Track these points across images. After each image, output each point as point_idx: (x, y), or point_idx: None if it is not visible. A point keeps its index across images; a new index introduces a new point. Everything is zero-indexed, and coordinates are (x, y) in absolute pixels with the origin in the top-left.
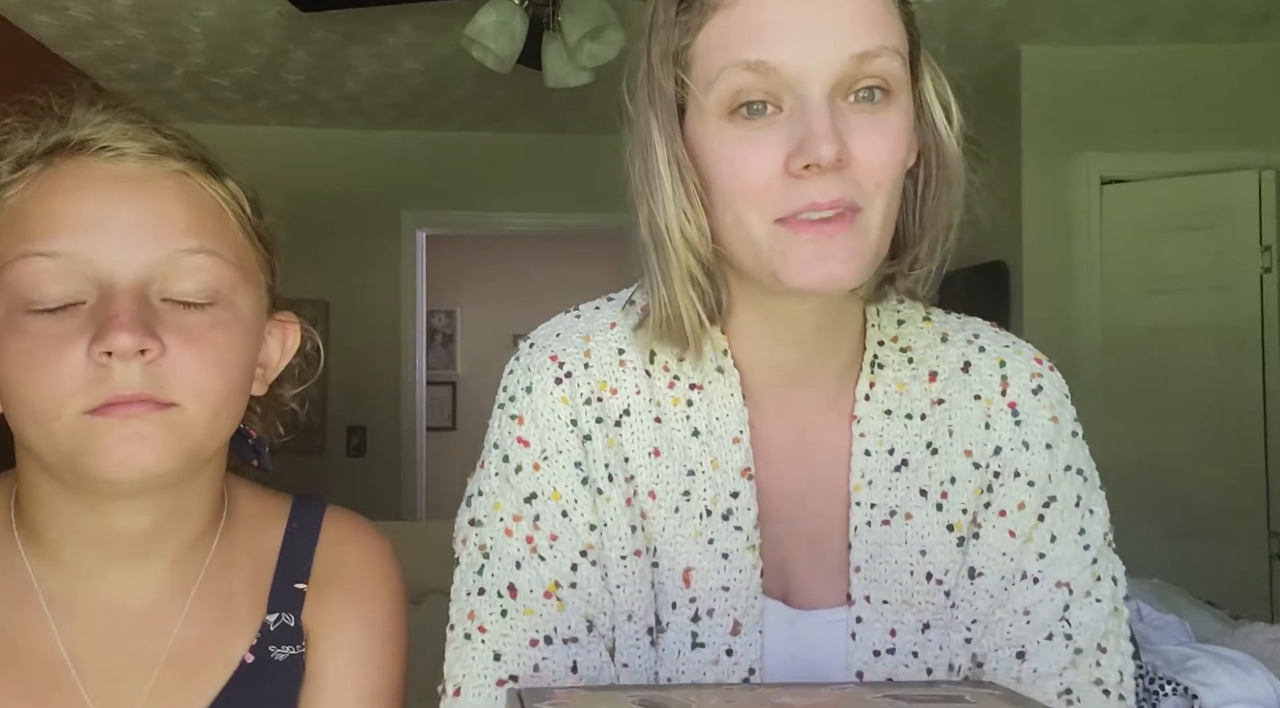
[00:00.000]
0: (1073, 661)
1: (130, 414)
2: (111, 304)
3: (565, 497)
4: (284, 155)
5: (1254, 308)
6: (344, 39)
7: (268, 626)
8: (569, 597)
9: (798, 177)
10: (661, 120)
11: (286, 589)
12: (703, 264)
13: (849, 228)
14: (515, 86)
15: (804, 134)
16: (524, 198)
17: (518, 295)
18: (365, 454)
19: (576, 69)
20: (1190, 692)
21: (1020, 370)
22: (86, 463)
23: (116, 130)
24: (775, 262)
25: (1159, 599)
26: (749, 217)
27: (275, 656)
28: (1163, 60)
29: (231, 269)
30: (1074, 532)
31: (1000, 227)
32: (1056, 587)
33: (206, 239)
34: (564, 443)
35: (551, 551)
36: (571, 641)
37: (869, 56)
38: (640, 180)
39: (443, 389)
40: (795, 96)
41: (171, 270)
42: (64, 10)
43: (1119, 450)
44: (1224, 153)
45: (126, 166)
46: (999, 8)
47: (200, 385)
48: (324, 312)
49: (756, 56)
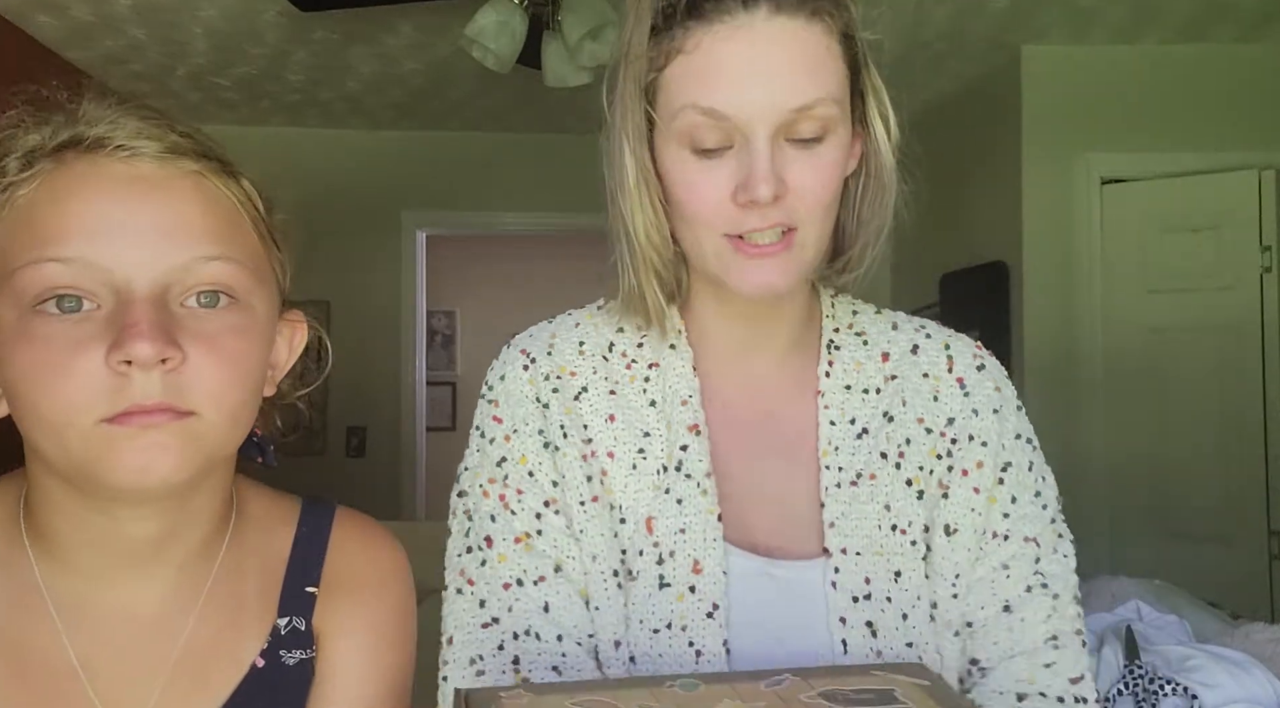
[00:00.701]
0: (1054, 607)
1: (149, 423)
2: (130, 311)
3: (531, 460)
4: (285, 155)
5: (1254, 308)
6: (344, 39)
7: (278, 629)
8: (537, 543)
9: (743, 206)
10: (632, 144)
11: (297, 593)
12: (663, 261)
13: (786, 250)
14: (515, 86)
15: (748, 173)
16: (524, 198)
17: (518, 295)
18: (365, 455)
19: (576, 69)
20: (1190, 692)
21: (963, 352)
22: (102, 471)
23: (131, 129)
24: (721, 271)
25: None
26: (702, 232)
27: (286, 660)
28: (1163, 61)
29: (247, 272)
30: (1031, 493)
31: (1000, 227)
32: (1025, 542)
33: (224, 244)
34: (529, 416)
35: (519, 504)
36: (540, 581)
37: (806, 109)
38: (614, 186)
39: (443, 389)
40: (743, 136)
41: (189, 275)
42: (65, 11)
43: (1119, 450)
44: (1224, 153)
45: (142, 167)
46: (1000, 8)
47: (219, 393)
48: (324, 312)
49: (710, 103)
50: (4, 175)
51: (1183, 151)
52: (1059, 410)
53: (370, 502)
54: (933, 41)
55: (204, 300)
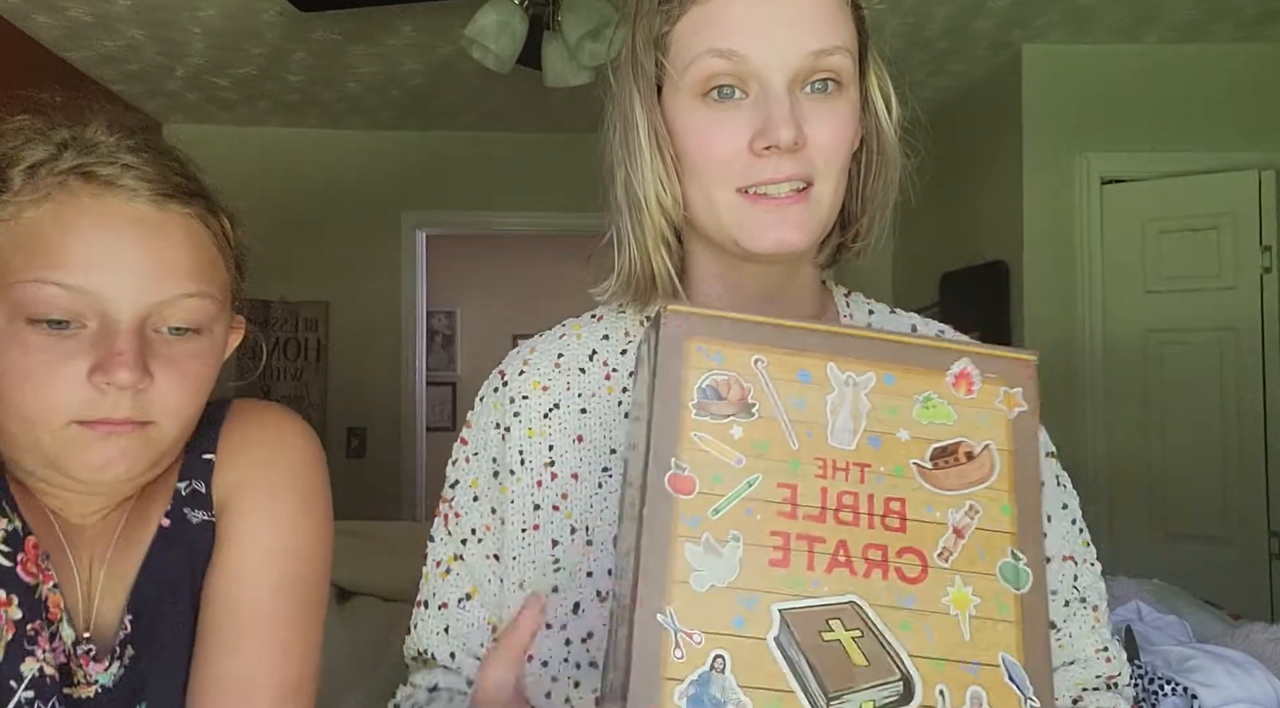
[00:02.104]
0: (1095, 618)
1: (114, 432)
2: (116, 340)
3: (481, 485)
4: (284, 155)
5: (1254, 308)
6: (344, 39)
7: (179, 492)
8: (456, 568)
9: (759, 155)
10: (643, 96)
11: (195, 461)
12: (674, 228)
13: (802, 202)
14: (515, 86)
15: (766, 119)
16: (524, 198)
17: (518, 295)
18: (365, 455)
19: (576, 68)
20: (1190, 692)
21: None
22: (67, 465)
23: (136, 173)
24: (735, 228)
25: (1159, 600)
26: (715, 186)
27: (190, 518)
28: (1163, 61)
29: (216, 305)
30: (1060, 507)
31: (1000, 227)
32: (1064, 561)
33: (203, 282)
34: (488, 442)
35: (456, 525)
36: (443, 607)
37: (824, 53)
38: (620, 149)
39: (443, 390)
40: (760, 84)
41: (168, 310)
42: (64, 11)
43: (1119, 450)
44: (1224, 153)
45: (140, 207)
46: (1001, 7)
47: (178, 408)
48: (324, 312)
49: (728, 46)
50: (10, 188)
51: (1183, 151)
52: (1059, 411)
53: (370, 502)
54: (933, 41)
55: (175, 331)
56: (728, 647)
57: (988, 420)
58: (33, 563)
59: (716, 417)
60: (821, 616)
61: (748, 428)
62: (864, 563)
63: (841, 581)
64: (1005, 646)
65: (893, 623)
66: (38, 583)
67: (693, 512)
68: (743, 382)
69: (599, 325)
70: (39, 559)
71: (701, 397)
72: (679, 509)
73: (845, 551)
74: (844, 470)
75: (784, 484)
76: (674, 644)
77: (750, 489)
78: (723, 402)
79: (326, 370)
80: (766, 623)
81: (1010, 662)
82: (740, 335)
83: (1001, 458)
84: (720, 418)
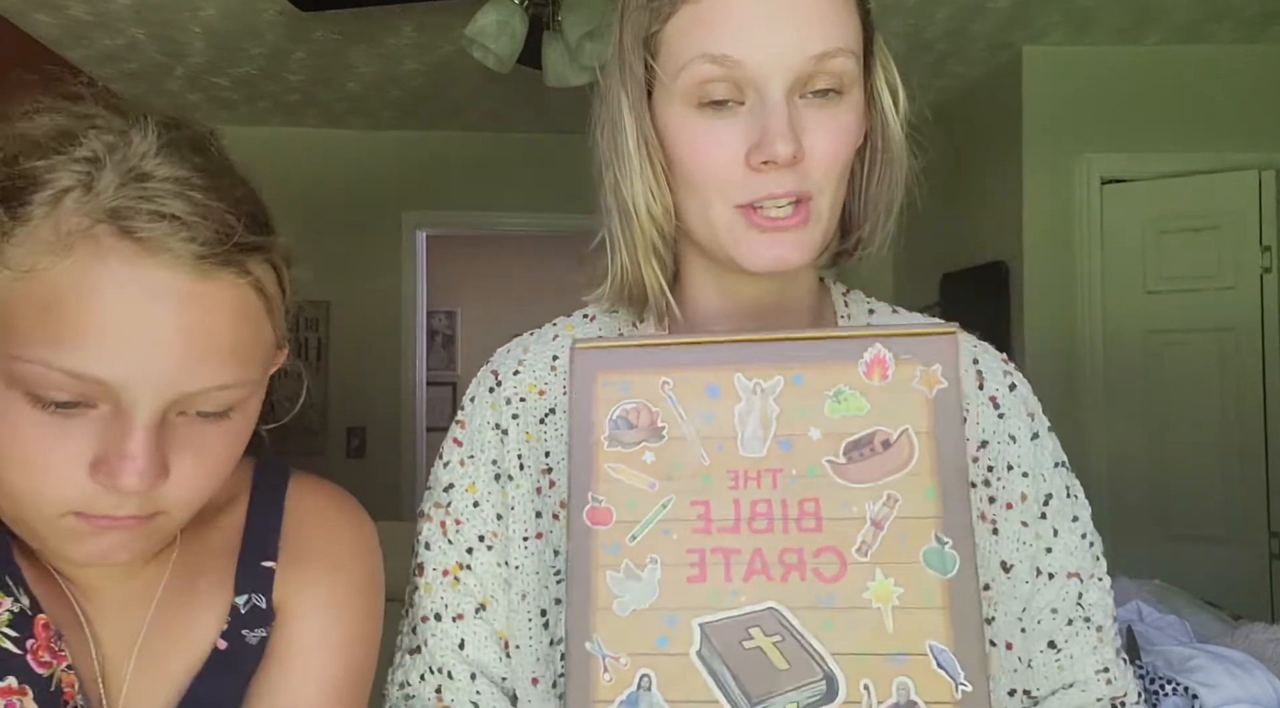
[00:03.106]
0: (1099, 638)
1: (116, 526)
2: (128, 437)
3: (480, 489)
4: (284, 155)
5: (1254, 308)
6: (345, 39)
7: (238, 609)
8: (465, 578)
9: (756, 170)
10: (632, 100)
11: (254, 569)
12: (664, 237)
13: (801, 222)
14: (515, 86)
15: (763, 131)
16: (524, 198)
17: (518, 295)
18: (365, 455)
19: (577, 69)
20: (1190, 692)
21: (993, 368)
22: (59, 550)
23: (186, 234)
24: (731, 245)
25: (1160, 600)
26: (710, 200)
27: (248, 639)
28: (1163, 61)
29: (255, 384)
30: (1069, 520)
31: (1000, 227)
32: (1069, 578)
33: (245, 367)
34: (486, 444)
35: (457, 533)
36: (459, 618)
37: (826, 57)
38: (609, 152)
39: (443, 390)
40: (756, 92)
41: (200, 399)
42: (64, 10)
43: (1119, 450)
44: (1224, 153)
45: (183, 280)
46: (1001, 8)
47: (193, 497)
48: (324, 312)
49: (721, 50)
50: (27, 219)
51: (1183, 152)
52: (1059, 411)
53: (370, 502)
54: (934, 42)
55: (203, 414)
56: (652, 666)
57: (905, 404)
58: (44, 648)
59: (628, 445)
60: (741, 625)
61: (658, 452)
62: (781, 568)
63: (760, 588)
64: (933, 633)
65: (813, 624)
66: (52, 671)
67: (612, 540)
68: (651, 407)
69: (592, 326)
70: (50, 641)
71: (613, 428)
72: (598, 540)
73: (761, 558)
74: (755, 479)
75: (697, 501)
76: (602, 669)
77: (665, 511)
78: (634, 429)
79: (326, 370)
80: (689, 639)
81: (938, 649)
82: (646, 361)
83: (921, 441)
84: (631, 446)
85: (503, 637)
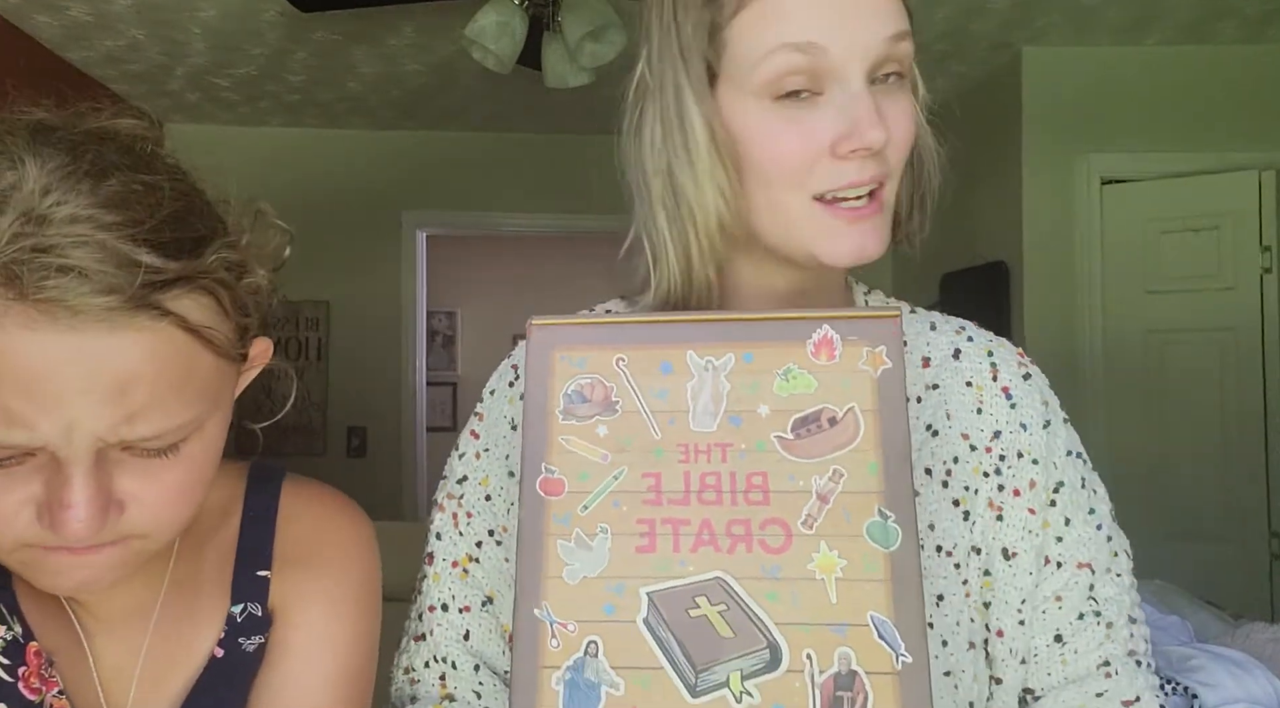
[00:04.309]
0: (1107, 634)
1: (83, 555)
2: (65, 489)
3: (493, 483)
4: (285, 155)
5: (1254, 308)
6: (345, 39)
7: (234, 617)
8: (473, 570)
9: (843, 158)
10: (699, 97)
11: (249, 578)
12: (728, 242)
13: (877, 208)
14: (515, 87)
15: (852, 119)
16: (524, 198)
17: (518, 296)
18: (365, 455)
19: (577, 69)
20: (1190, 692)
21: (1008, 360)
22: (35, 581)
23: (91, 285)
24: (809, 238)
25: (1160, 600)
26: (787, 194)
27: (245, 647)
28: (1164, 61)
29: (203, 413)
30: (1084, 512)
31: (1000, 227)
32: (1079, 568)
33: (179, 407)
34: (501, 439)
35: (468, 526)
36: (465, 610)
37: (898, 38)
38: (665, 153)
39: (443, 390)
40: (837, 79)
41: (136, 442)
42: (64, 10)
43: (1120, 451)
44: (1224, 153)
45: (92, 336)
46: (1001, 9)
47: (164, 519)
48: (324, 312)
49: (806, 38)
50: None
51: (1183, 152)
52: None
53: (370, 502)
54: (933, 42)
55: (150, 452)
56: (600, 633)
57: (852, 383)
58: (35, 675)
59: (582, 418)
60: (688, 594)
61: (612, 425)
62: (728, 539)
63: (707, 558)
64: (875, 605)
65: (758, 594)
66: (42, 697)
67: (564, 510)
68: (605, 382)
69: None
70: (41, 668)
71: (567, 402)
72: (550, 510)
73: (709, 529)
74: (705, 452)
75: (648, 473)
76: (550, 635)
77: (616, 482)
78: (588, 403)
79: (326, 370)
80: (636, 607)
81: (880, 620)
82: (603, 338)
83: (866, 418)
84: (585, 419)
85: (506, 630)
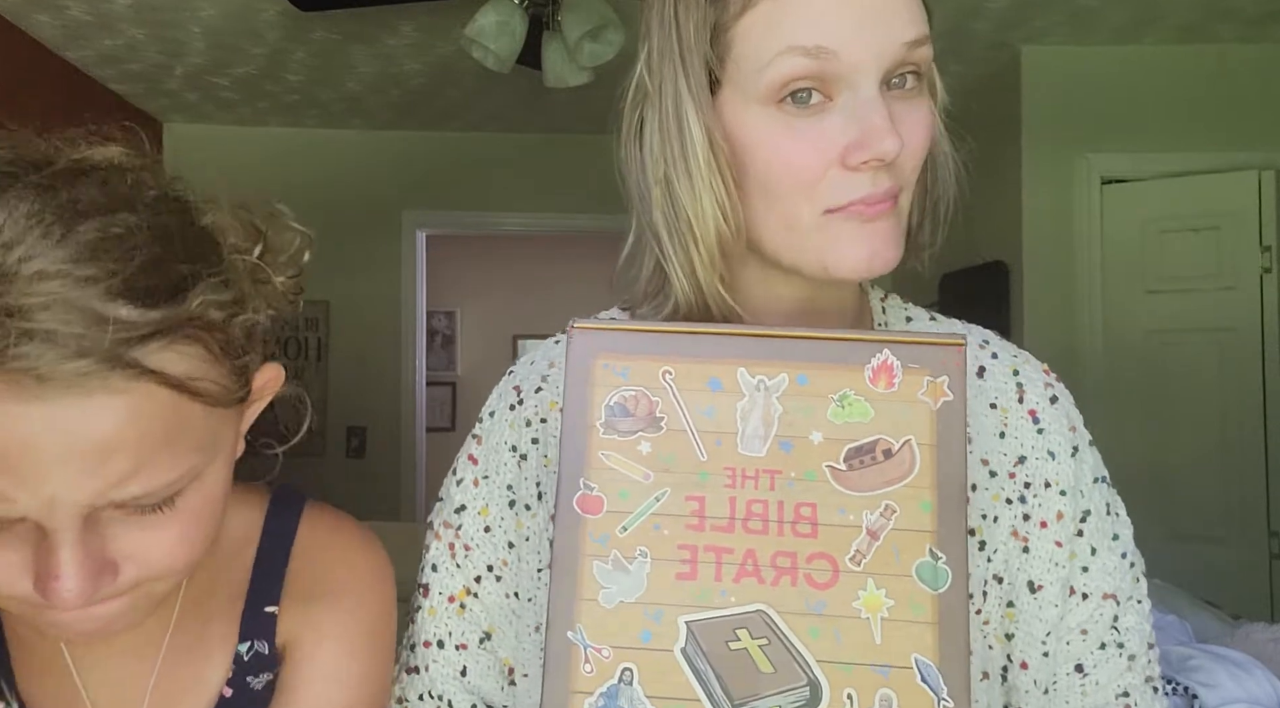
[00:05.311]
0: (1128, 666)
1: (87, 610)
2: (53, 559)
3: (493, 513)
4: (284, 155)
5: (1254, 308)
6: (344, 39)
7: (240, 656)
8: (471, 605)
9: (855, 170)
10: (699, 104)
11: (257, 615)
12: (729, 256)
13: (892, 212)
14: (515, 86)
15: (864, 127)
16: (524, 198)
17: (518, 296)
18: (365, 455)
19: (576, 69)
20: (1190, 692)
21: (1034, 380)
22: (49, 632)
23: (59, 351)
24: (819, 251)
25: (1160, 600)
26: (798, 207)
27: (253, 685)
28: (1163, 61)
29: (197, 462)
30: (1109, 539)
31: (1000, 227)
32: (1104, 599)
33: (168, 463)
34: (502, 466)
35: (465, 559)
36: (462, 647)
37: (916, 43)
38: (665, 163)
39: (443, 390)
40: (849, 85)
41: (128, 502)
42: (64, 10)
43: (1119, 451)
44: (1225, 153)
45: (61, 406)
46: (1000, 8)
47: (171, 565)
48: (323, 311)
49: (815, 42)
50: None
51: (1183, 151)
52: None
53: (370, 502)
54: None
55: (144, 509)
56: (635, 660)
57: (909, 414)
58: None
59: (624, 433)
60: (729, 625)
61: (655, 442)
62: (773, 571)
63: (750, 590)
64: (919, 647)
65: (801, 629)
66: None
67: (601, 530)
68: (650, 395)
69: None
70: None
71: (609, 414)
72: (587, 528)
73: (754, 560)
74: (753, 478)
75: (692, 496)
76: (583, 659)
77: (658, 504)
78: (631, 417)
79: (326, 370)
80: (674, 635)
81: (924, 663)
82: (649, 348)
83: (923, 453)
84: (628, 434)
85: (507, 664)
